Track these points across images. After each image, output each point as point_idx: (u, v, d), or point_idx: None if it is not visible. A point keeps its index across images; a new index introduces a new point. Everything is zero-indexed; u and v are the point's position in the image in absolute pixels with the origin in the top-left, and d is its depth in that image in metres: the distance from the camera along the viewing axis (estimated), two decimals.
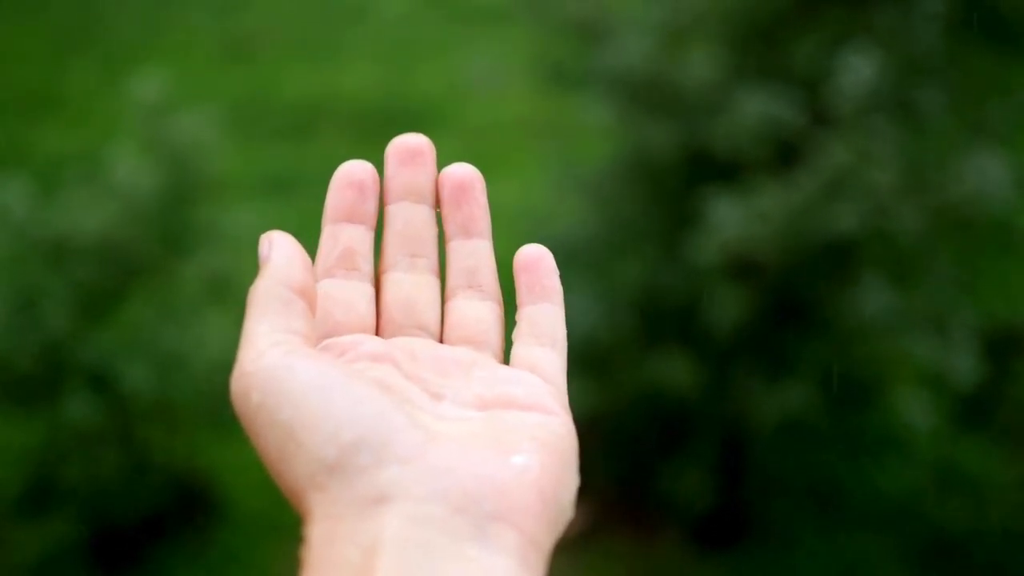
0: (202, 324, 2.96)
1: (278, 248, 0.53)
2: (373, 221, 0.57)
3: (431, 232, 0.58)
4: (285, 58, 6.00)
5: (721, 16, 3.06)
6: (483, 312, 0.56)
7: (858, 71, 2.70)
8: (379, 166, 0.60)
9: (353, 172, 0.58)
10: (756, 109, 2.78)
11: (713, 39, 3.05)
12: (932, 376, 3.09)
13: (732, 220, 2.70)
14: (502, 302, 0.58)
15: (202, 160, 3.02)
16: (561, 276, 0.58)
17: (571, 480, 0.49)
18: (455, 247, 0.57)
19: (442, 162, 0.58)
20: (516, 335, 0.56)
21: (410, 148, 0.58)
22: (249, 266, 3.32)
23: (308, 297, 0.52)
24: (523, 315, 0.56)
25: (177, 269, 3.02)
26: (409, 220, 0.57)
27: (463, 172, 0.59)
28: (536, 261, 0.57)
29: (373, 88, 5.66)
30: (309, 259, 0.54)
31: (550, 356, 0.55)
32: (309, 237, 0.57)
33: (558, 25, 3.25)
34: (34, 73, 5.85)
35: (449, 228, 0.57)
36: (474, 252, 0.57)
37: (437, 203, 0.58)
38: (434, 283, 0.57)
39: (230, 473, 3.29)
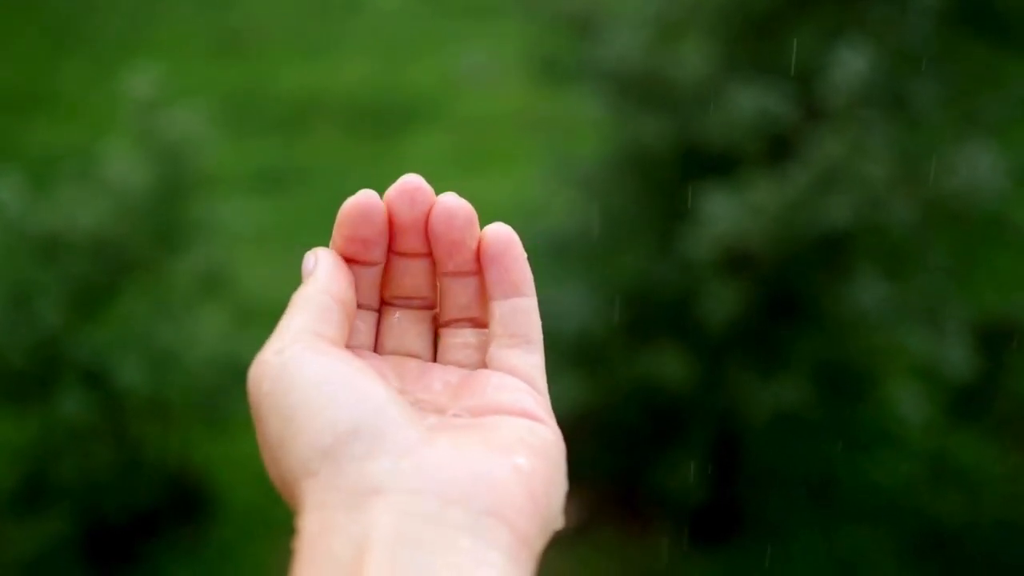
0: (195, 320, 2.96)
1: (323, 262, 0.54)
2: (381, 262, 0.56)
3: (428, 278, 0.57)
4: (277, 52, 6.00)
5: (714, 10, 3.06)
6: (472, 338, 0.56)
7: (851, 65, 2.70)
8: (372, 161, 0.59)
9: (357, 227, 0.54)
10: (749, 103, 2.78)
11: (706, 33, 3.05)
12: (925, 368, 3.10)
13: (725, 214, 2.70)
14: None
15: (194, 155, 3.02)
16: (554, 270, 0.57)
17: (560, 485, 0.49)
18: (448, 283, 0.56)
19: (433, 156, 0.58)
20: (491, 334, 0.55)
21: (413, 219, 0.55)
22: (242, 261, 3.32)
23: (348, 309, 0.53)
24: (495, 312, 0.55)
25: (170, 265, 3.02)
26: (407, 272, 0.56)
27: (456, 221, 0.54)
28: (503, 250, 0.55)
29: (366, 82, 5.66)
30: (351, 275, 0.54)
31: (528, 359, 0.54)
32: (301, 230, 0.57)
33: (551, 19, 3.25)
34: (26, 69, 5.84)
35: (440, 268, 0.56)
36: (465, 289, 0.56)
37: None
38: (427, 318, 0.57)
39: (224, 469, 3.29)
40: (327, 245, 0.56)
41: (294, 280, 0.58)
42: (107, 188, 2.93)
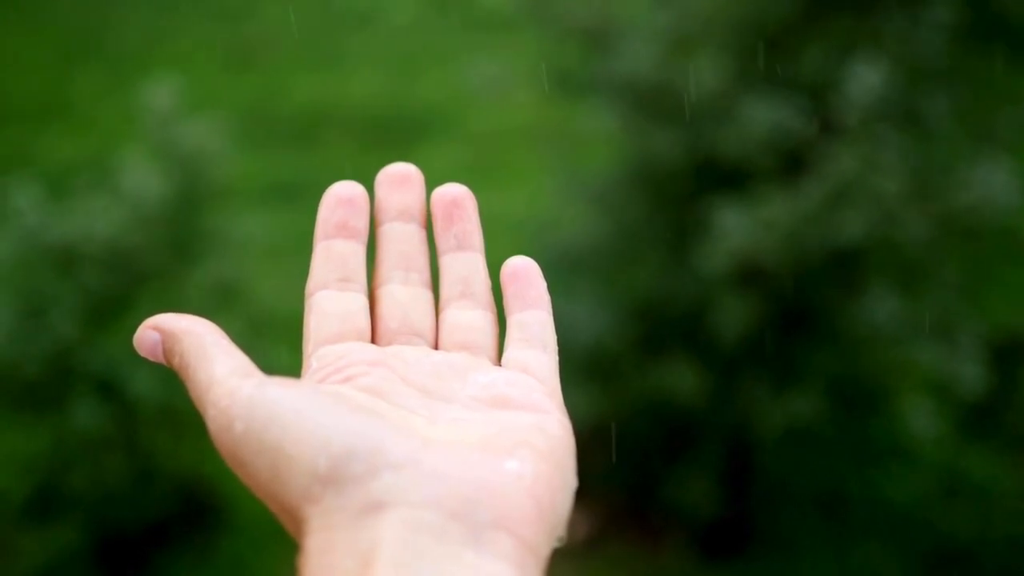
0: None
1: (171, 319, 0.54)
2: (364, 237, 0.58)
3: (423, 250, 0.59)
4: (291, 66, 6.01)
5: (727, 24, 3.06)
6: (477, 319, 0.57)
7: (865, 79, 2.70)
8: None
9: (342, 191, 0.59)
10: (763, 117, 2.78)
11: (719, 47, 3.05)
12: (938, 384, 3.09)
13: (739, 228, 2.70)
14: (496, 311, 0.58)
15: (209, 167, 3.03)
16: (566, 283, 0.59)
17: (567, 484, 0.49)
18: (448, 260, 0.58)
19: (446, 169, 0.60)
20: (507, 341, 0.56)
21: (399, 174, 0.60)
22: (256, 273, 3.32)
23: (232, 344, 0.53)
24: (513, 322, 0.56)
25: (184, 276, 3.02)
26: (402, 238, 0.58)
27: (455, 190, 0.60)
28: (523, 271, 0.57)
29: (379, 95, 5.67)
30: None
31: (542, 358, 0.55)
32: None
33: (563, 32, 3.25)
34: (43, 80, 5.86)
35: (441, 244, 0.58)
36: (467, 263, 0.58)
37: (427, 224, 0.60)
38: (428, 296, 0.58)
39: (235, 480, 3.28)
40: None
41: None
42: (122, 200, 2.94)
